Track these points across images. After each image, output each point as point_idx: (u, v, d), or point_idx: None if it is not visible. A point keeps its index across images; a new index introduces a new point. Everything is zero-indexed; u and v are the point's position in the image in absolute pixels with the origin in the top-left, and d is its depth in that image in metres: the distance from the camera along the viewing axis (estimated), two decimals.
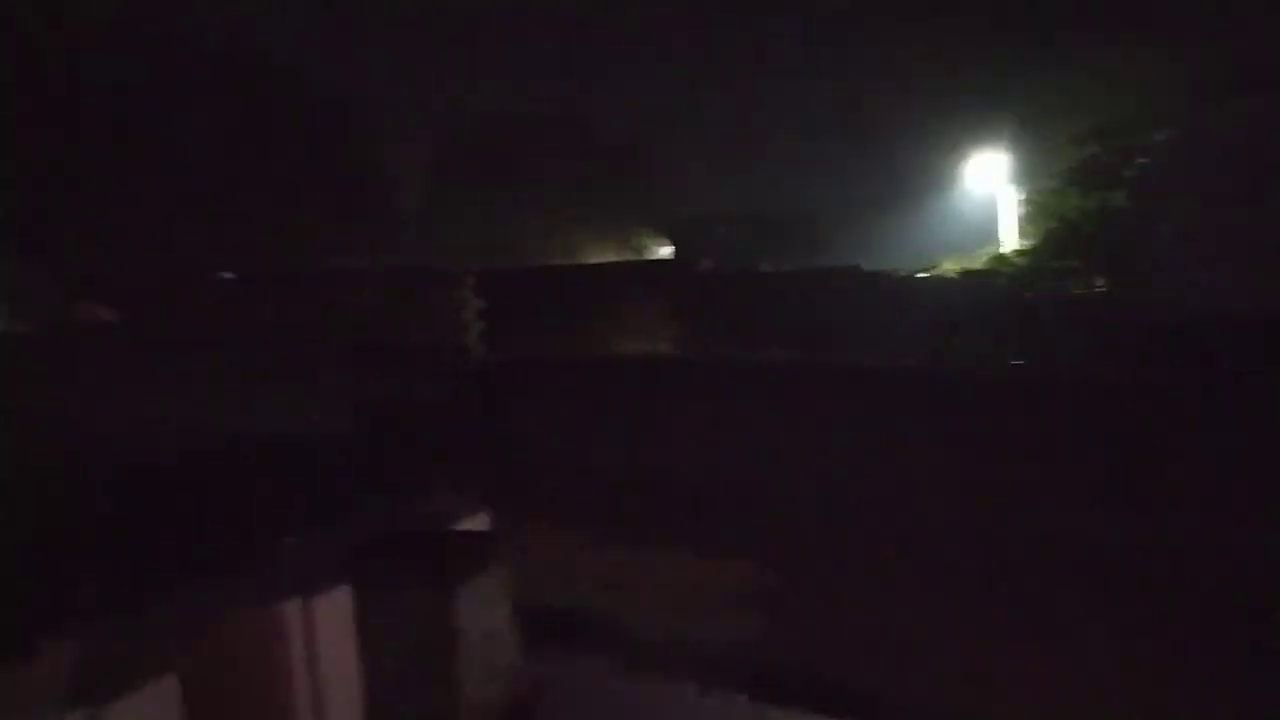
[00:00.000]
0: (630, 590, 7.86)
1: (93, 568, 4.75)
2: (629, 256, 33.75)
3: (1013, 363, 10.64)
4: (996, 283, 15.78)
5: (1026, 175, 20.52)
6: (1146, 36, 18.42)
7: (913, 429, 7.55)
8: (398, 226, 34.46)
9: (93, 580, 4.69)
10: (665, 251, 36.94)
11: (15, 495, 5.10)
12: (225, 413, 6.87)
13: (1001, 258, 18.21)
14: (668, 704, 7.48)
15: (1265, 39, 16.96)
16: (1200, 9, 18.52)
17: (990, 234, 20.91)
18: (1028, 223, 19.41)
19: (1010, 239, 20.08)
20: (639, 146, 37.84)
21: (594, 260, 30.54)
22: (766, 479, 7.53)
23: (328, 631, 6.41)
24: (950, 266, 18.34)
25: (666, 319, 12.89)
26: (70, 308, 17.47)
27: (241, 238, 28.35)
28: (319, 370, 7.74)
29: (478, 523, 7.94)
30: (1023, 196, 19.95)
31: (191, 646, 5.47)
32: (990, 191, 21.65)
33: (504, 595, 7.00)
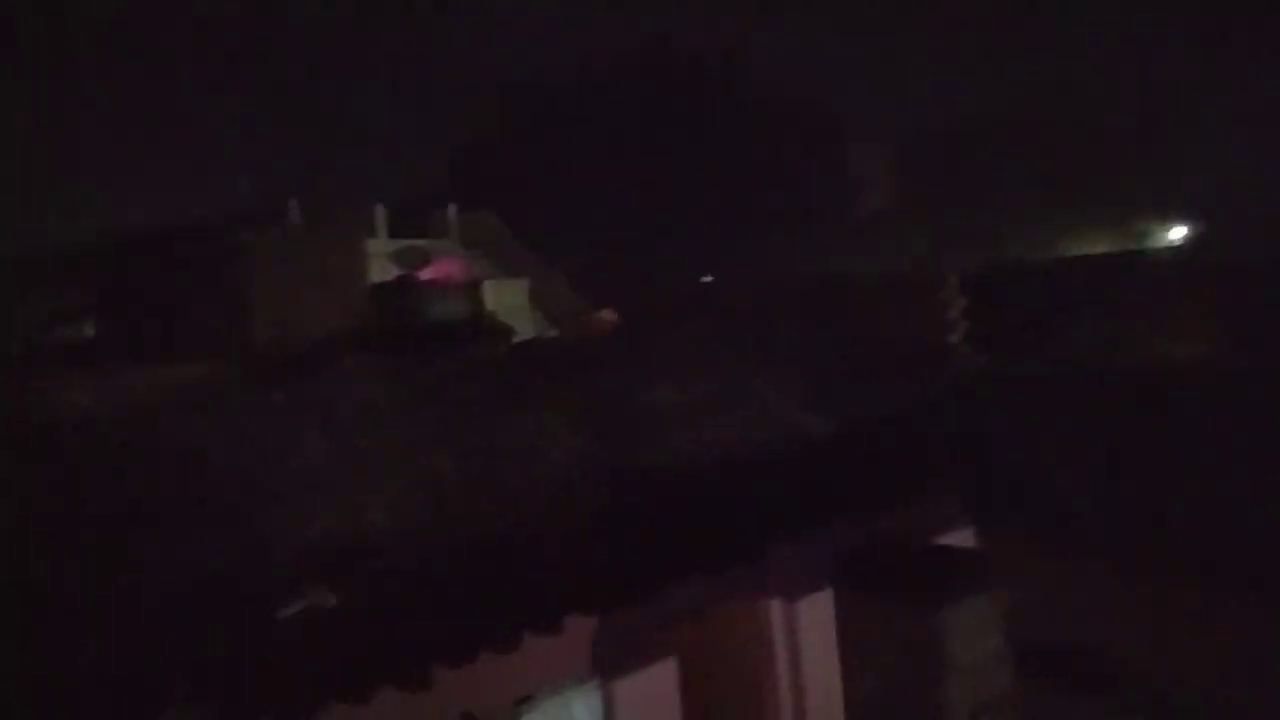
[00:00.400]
0: (1152, 636, 6.72)
1: (615, 553, 5.19)
2: (1128, 244, 29.78)
3: None
4: None
5: None
6: None
7: None
8: (865, 225, 34.34)
9: (615, 565, 5.11)
10: (1175, 235, 31.99)
11: (559, 486, 5.80)
12: (715, 416, 7.17)
13: None
14: None
15: None
16: None
17: None
18: None
19: None
20: (1142, 121, 33.30)
21: (1088, 250, 27.38)
22: None
23: (810, 637, 6.35)
24: None
25: (1196, 318, 10.94)
26: (588, 313, 20.04)
27: (716, 241, 30.36)
28: (805, 375, 7.78)
29: (965, 539, 7.38)
30: None
31: (689, 634, 5.75)
32: None
33: (998, 623, 6.38)
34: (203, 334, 9.97)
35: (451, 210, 23.00)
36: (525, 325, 17.48)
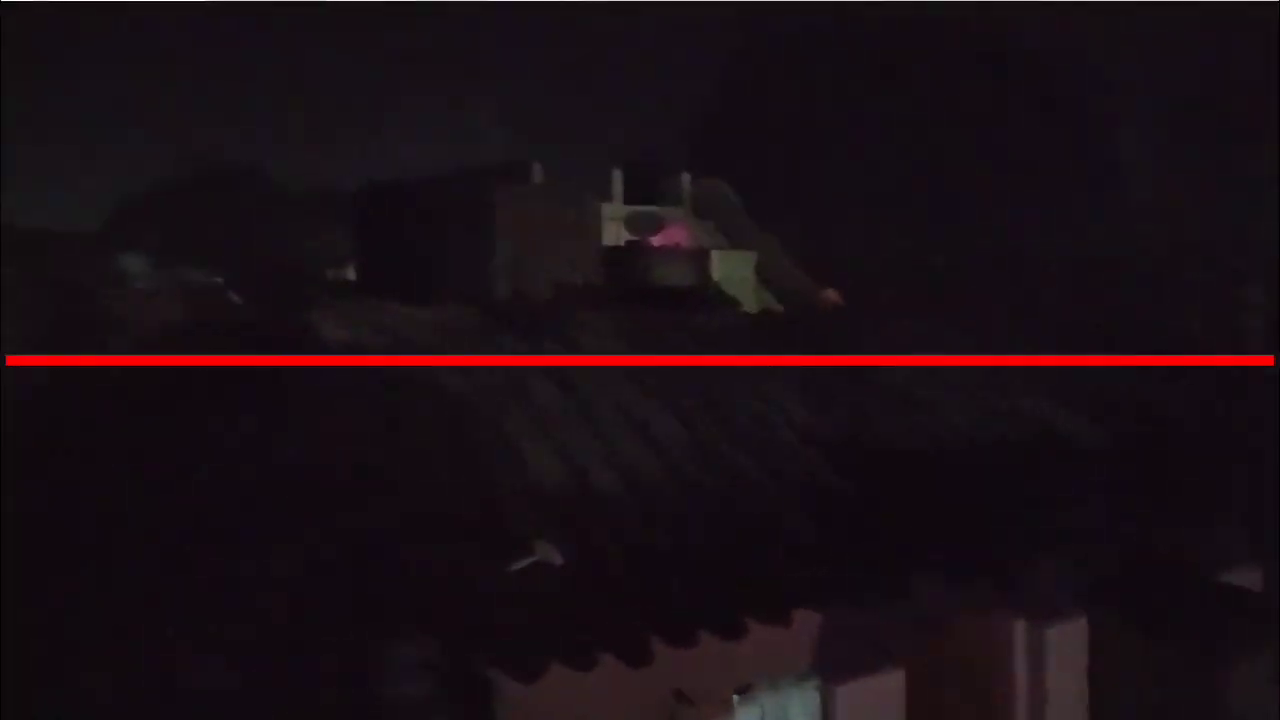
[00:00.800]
0: None
1: (850, 550, 4.83)
2: None
3: None
4: None
5: None
6: None
7: None
8: (1134, 209, 31.16)
9: (849, 562, 4.75)
10: None
11: (793, 468, 5.48)
12: (961, 408, 6.55)
13: None
14: None
15: None
16: None
17: None
18: None
19: None
20: None
21: None
22: None
23: (1057, 666, 5.68)
24: None
25: None
26: (814, 289, 19.45)
27: (967, 222, 28.47)
28: (1068, 369, 6.95)
29: (1251, 579, 6.37)
30: None
31: (921, 645, 5.29)
32: None
33: None
34: (448, 280, 10.43)
35: (685, 178, 23.00)
36: (750, 298, 17.19)
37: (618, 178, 20.81)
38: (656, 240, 19.47)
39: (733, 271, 17.80)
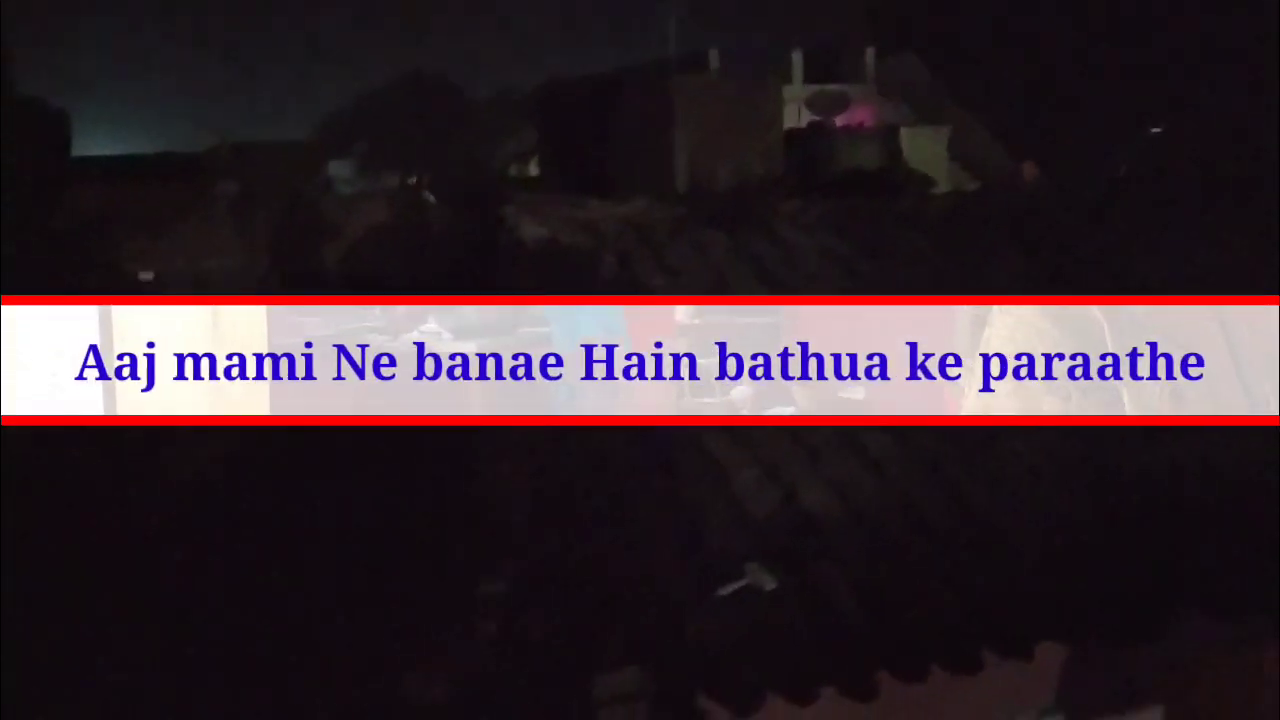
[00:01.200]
0: None
1: (1101, 574, 4.42)
2: None
3: None
4: None
5: None
6: None
7: None
8: None
9: (1101, 590, 4.37)
10: None
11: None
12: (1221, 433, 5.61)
13: None
14: None
15: None
16: None
17: None
18: None
19: None
20: None
21: None
22: None
23: None
24: None
25: None
26: (1012, 164, 18.04)
27: (1175, 83, 25.33)
28: None
29: None
30: None
31: (1183, 686, 4.87)
32: None
33: None
34: (632, 174, 10.39)
35: (869, 54, 21.73)
36: (944, 175, 16.24)
37: (798, 57, 19.91)
38: (841, 120, 18.57)
39: (924, 148, 16.77)
